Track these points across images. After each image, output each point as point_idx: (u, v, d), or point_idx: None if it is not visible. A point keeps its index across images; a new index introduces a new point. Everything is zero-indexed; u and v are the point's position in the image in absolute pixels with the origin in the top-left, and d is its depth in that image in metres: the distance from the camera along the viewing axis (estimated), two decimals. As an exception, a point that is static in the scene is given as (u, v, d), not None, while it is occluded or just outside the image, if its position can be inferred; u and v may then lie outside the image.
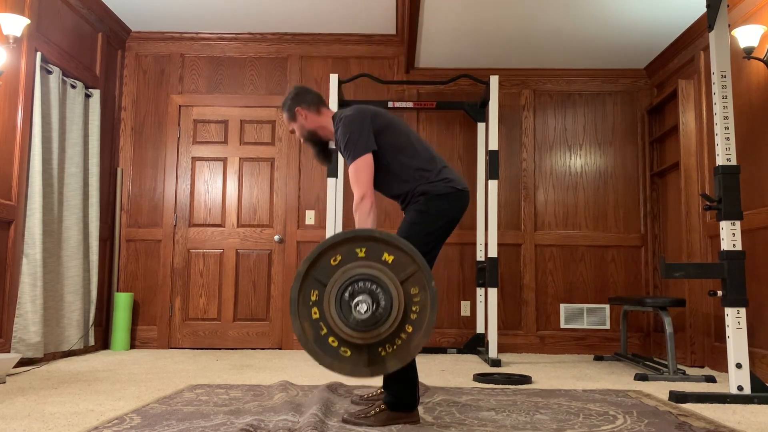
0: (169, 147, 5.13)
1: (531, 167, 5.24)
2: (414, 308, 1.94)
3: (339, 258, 1.95)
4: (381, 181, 2.55)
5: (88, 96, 4.58)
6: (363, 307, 1.85)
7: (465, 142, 5.23)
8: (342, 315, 1.90)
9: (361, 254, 1.96)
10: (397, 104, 4.90)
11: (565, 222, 5.19)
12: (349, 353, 1.95)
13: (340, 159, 4.87)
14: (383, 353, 1.94)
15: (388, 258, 1.96)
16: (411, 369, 2.31)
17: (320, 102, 2.70)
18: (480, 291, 4.93)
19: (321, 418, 2.30)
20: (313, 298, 1.95)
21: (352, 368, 1.94)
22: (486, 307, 4.85)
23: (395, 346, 1.94)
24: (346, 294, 1.91)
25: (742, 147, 3.85)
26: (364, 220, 2.36)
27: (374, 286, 1.91)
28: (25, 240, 3.83)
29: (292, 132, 2.79)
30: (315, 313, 1.95)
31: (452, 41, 4.79)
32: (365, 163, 2.42)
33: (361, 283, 1.90)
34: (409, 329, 1.94)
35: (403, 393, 2.30)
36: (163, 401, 2.67)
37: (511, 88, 5.31)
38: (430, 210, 2.39)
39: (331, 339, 1.94)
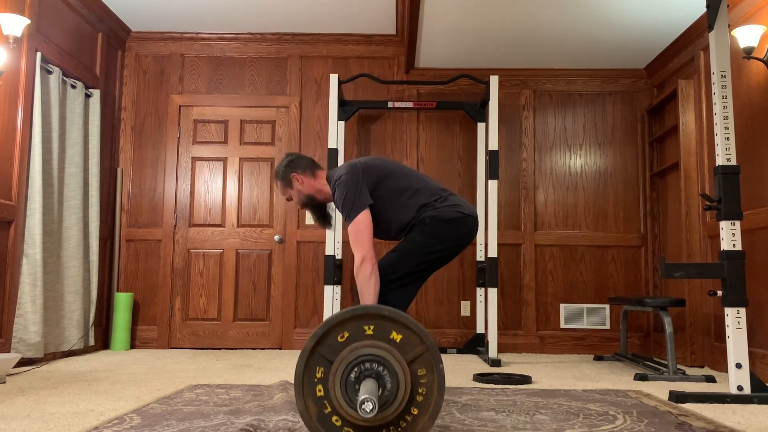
0: (169, 147, 5.13)
1: (531, 167, 5.24)
2: (420, 390, 1.93)
3: (346, 335, 1.94)
4: (384, 227, 2.59)
5: (88, 96, 4.58)
6: (368, 406, 1.82)
7: (465, 142, 5.23)
8: (347, 397, 1.89)
9: (369, 332, 1.95)
10: (397, 104, 4.90)
11: (565, 222, 5.19)
12: None
13: (340, 160, 4.88)
14: None
15: (396, 337, 1.94)
16: None
17: (314, 166, 2.73)
18: (480, 291, 4.93)
19: (321, 418, 2.30)
20: (319, 375, 1.94)
21: None
22: (486, 307, 4.85)
23: (400, 428, 1.93)
24: (352, 375, 1.90)
25: (742, 147, 3.85)
26: (365, 283, 2.41)
27: (381, 368, 1.90)
28: (25, 240, 3.83)
29: (289, 200, 2.79)
30: (320, 390, 1.93)
31: (452, 41, 4.79)
32: (363, 221, 2.47)
33: (367, 364, 1.89)
34: (415, 411, 1.93)
35: None
36: (163, 401, 2.67)
37: (511, 88, 5.31)
38: (435, 232, 2.42)
39: (334, 418, 1.93)
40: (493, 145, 4.42)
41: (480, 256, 4.95)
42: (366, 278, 2.40)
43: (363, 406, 1.81)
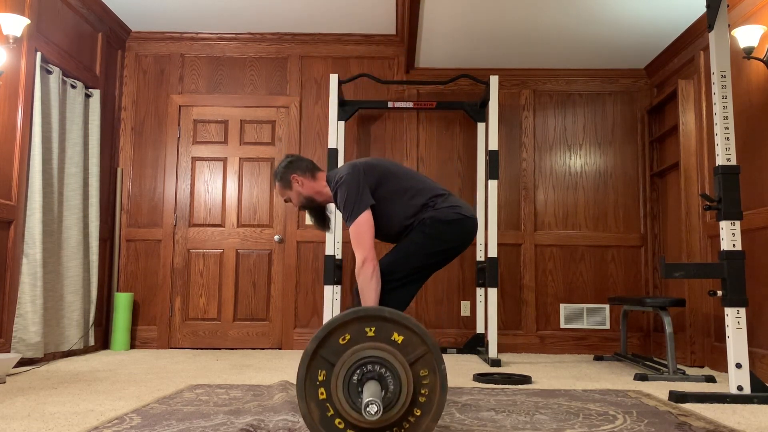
0: (169, 147, 5.13)
1: (531, 167, 5.24)
2: (423, 391, 1.93)
3: (348, 337, 1.94)
4: (385, 227, 2.59)
5: (88, 96, 4.58)
6: (373, 409, 1.82)
7: (465, 142, 5.23)
8: (349, 398, 1.89)
9: (371, 333, 1.94)
10: (397, 104, 4.90)
11: (565, 222, 5.19)
12: None
13: (340, 160, 4.87)
14: None
15: (398, 338, 1.94)
16: None
17: (314, 167, 2.73)
18: (480, 291, 4.93)
19: (321, 418, 2.30)
20: (321, 378, 1.93)
21: None
22: (486, 307, 4.85)
23: (403, 430, 1.93)
24: (355, 378, 1.89)
25: (742, 147, 3.85)
26: (367, 284, 2.41)
27: (383, 370, 1.89)
28: (25, 240, 3.83)
29: (287, 201, 2.78)
30: (322, 393, 1.93)
31: (452, 41, 4.79)
32: (365, 222, 2.47)
33: (369, 366, 1.89)
34: (418, 412, 1.92)
35: None
36: (163, 401, 2.67)
37: (511, 88, 5.31)
38: (435, 233, 2.41)
39: (337, 421, 1.93)
40: (493, 145, 4.42)
41: (480, 256, 4.95)
42: (367, 279, 2.40)
43: (368, 409, 1.81)
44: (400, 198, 2.54)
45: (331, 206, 2.88)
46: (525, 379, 3.42)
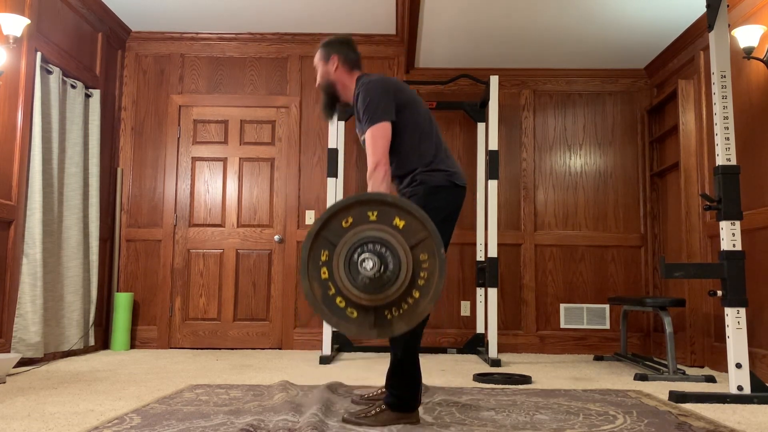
0: (169, 147, 5.13)
1: (531, 167, 5.24)
2: (422, 274, 1.96)
3: (350, 220, 1.97)
4: (392, 158, 2.49)
5: (88, 96, 4.58)
6: (369, 264, 1.86)
7: (465, 142, 5.23)
8: (350, 276, 1.92)
9: (373, 217, 1.98)
10: (397, 104, 4.88)
11: (565, 222, 5.19)
12: (355, 314, 1.96)
13: (340, 159, 4.87)
14: (389, 316, 1.96)
15: (399, 223, 1.97)
16: (415, 369, 2.31)
17: (356, 64, 2.64)
18: (480, 291, 4.93)
19: (321, 418, 2.30)
20: (323, 258, 1.97)
21: (358, 329, 1.96)
22: (486, 307, 4.85)
23: (402, 310, 1.95)
24: (356, 255, 1.93)
25: (742, 147, 3.85)
26: (378, 186, 2.33)
27: (383, 249, 1.93)
28: (25, 240, 3.83)
29: (316, 68, 2.70)
30: (324, 273, 1.97)
31: (452, 41, 4.79)
32: (383, 131, 2.38)
33: (370, 245, 1.92)
34: (417, 294, 1.96)
35: (406, 393, 2.30)
36: (163, 401, 2.67)
37: (511, 88, 5.31)
38: (427, 205, 2.37)
39: (338, 299, 1.96)
40: (493, 145, 4.42)
41: (480, 256, 4.95)
42: (379, 181, 2.32)
43: (364, 264, 1.86)
44: (412, 133, 2.45)
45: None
46: (525, 379, 3.42)
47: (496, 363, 4.08)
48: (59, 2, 4.24)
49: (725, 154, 3.05)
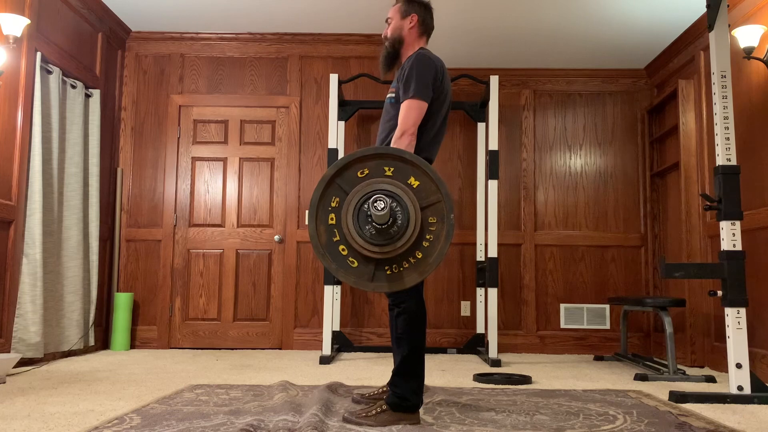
0: (169, 147, 5.13)
1: (531, 167, 5.24)
2: (428, 236, 1.96)
3: (366, 171, 1.97)
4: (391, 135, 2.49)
5: (88, 96, 4.58)
6: (380, 204, 1.85)
7: (465, 142, 5.23)
8: (357, 225, 1.92)
9: (389, 172, 1.98)
10: (397, 104, 4.89)
11: (565, 222, 5.19)
12: (356, 264, 1.96)
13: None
14: (389, 272, 1.95)
15: (414, 182, 1.97)
16: (420, 367, 2.31)
17: (429, 32, 2.64)
18: (480, 291, 4.93)
19: (321, 418, 2.30)
20: (333, 204, 1.97)
21: (356, 279, 1.96)
22: (486, 307, 4.85)
23: (402, 268, 1.95)
24: (366, 206, 1.92)
25: (742, 147, 3.85)
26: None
27: (394, 203, 1.92)
28: (25, 240, 3.83)
29: (387, 21, 2.69)
30: (332, 219, 1.97)
31: (452, 41, 4.79)
32: (420, 107, 2.37)
33: (382, 197, 1.91)
34: (419, 255, 1.95)
35: (409, 392, 2.29)
36: (163, 401, 2.67)
37: (511, 88, 5.31)
38: None
39: (341, 247, 1.95)
40: (493, 145, 4.42)
41: (480, 256, 4.95)
42: (403, 147, 2.29)
43: (375, 204, 1.85)
44: (434, 126, 2.46)
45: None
46: (525, 380, 3.42)
47: (496, 363, 4.08)
48: (59, 2, 4.24)
49: (725, 154, 3.05)
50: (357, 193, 1.94)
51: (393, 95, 2.49)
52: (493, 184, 4.41)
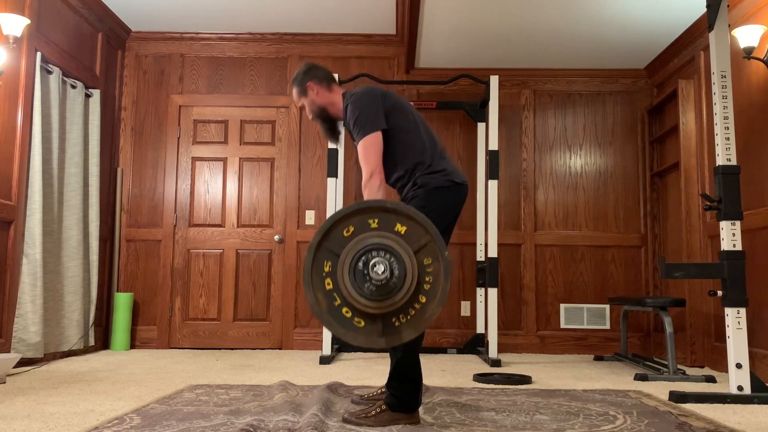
0: (169, 147, 5.13)
1: (531, 167, 5.24)
2: (427, 278, 1.95)
3: (352, 229, 1.95)
4: (387, 164, 2.51)
5: (88, 96, 4.58)
6: (380, 268, 1.83)
7: (465, 142, 5.23)
8: (356, 284, 1.90)
9: (374, 225, 1.96)
10: (397, 104, 4.88)
11: (565, 222, 5.19)
12: (363, 323, 1.94)
13: (341, 160, 4.87)
14: (397, 323, 1.94)
15: (401, 228, 1.96)
16: (416, 370, 2.31)
17: (331, 79, 2.68)
18: (480, 291, 4.93)
19: (321, 418, 2.30)
20: (327, 269, 1.95)
21: (366, 338, 1.94)
22: (486, 307, 4.85)
23: (409, 316, 1.94)
24: (360, 263, 1.91)
25: (742, 147, 3.85)
26: (374, 195, 2.33)
27: (388, 255, 1.91)
28: (25, 240, 3.83)
29: (302, 108, 2.74)
30: (329, 284, 1.94)
31: (452, 41, 4.79)
32: (375, 141, 2.40)
33: (374, 252, 1.90)
34: (423, 299, 1.94)
35: (406, 394, 2.29)
36: (163, 401, 2.67)
37: (511, 88, 5.31)
38: (430, 205, 2.37)
39: (344, 309, 1.94)
40: (493, 145, 4.42)
41: (480, 256, 4.95)
42: (375, 189, 2.33)
43: (375, 269, 1.83)
44: (404, 136, 2.47)
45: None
46: (525, 379, 3.42)
47: (496, 363, 4.08)
48: (59, 2, 4.24)
49: (725, 154, 3.05)
50: (349, 253, 1.91)
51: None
52: (493, 184, 4.41)
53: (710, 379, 3.55)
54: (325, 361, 4.13)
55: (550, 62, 5.18)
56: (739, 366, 2.93)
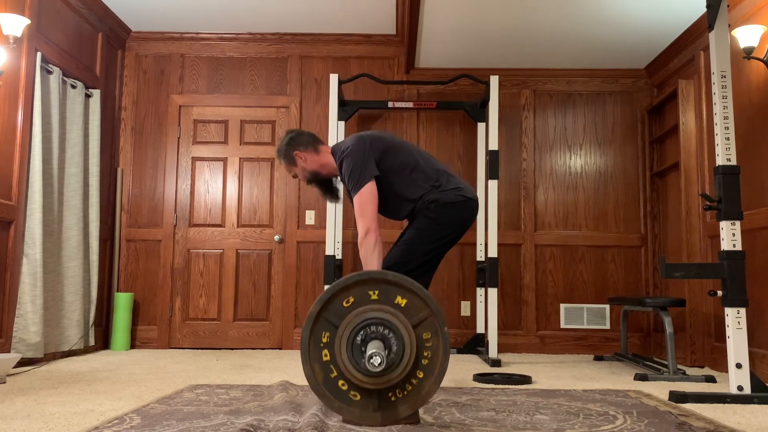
0: (169, 147, 5.13)
1: (531, 167, 5.24)
2: (426, 353, 1.93)
3: (352, 300, 1.93)
4: (389, 204, 2.57)
5: (88, 96, 4.58)
6: (377, 360, 1.80)
7: (465, 142, 5.23)
8: (353, 359, 1.88)
9: (374, 297, 1.94)
10: (397, 104, 4.90)
11: (565, 222, 5.19)
12: (358, 397, 1.92)
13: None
14: (393, 399, 1.92)
15: (401, 301, 1.94)
16: None
17: (316, 141, 2.70)
18: (480, 291, 4.93)
19: (321, 418, 2.30)
20: (324, 339, 1.93)
21: (361, 413, 1.92)
22: (486, 307, 4.85)
23: (406, 392, 1.92)
24: (358, 338, 1.88)
25: (742, 147, 3.85)
26: (370, 254, 2.37)
27: (386, 331, 1.88)
28: (25, 240, 3.83)
29: (294, 177, 2.77)
30: (326, 355, 1.92)
31: (452, 41, 4.79)
32: (369, 193, 2.44)
33: (373, 327, 1.88)
34: (420, 375, 1.92)
35: None
36: (163, 401, 2.67)
37: (511, 88, 5.31)
38: (440, 218, 2.41)
39: (341, 382, 1.92)
40: (493, 145, 4.42)
41: (480, 256, 4.95)
42: (371, 248, 2.37)
43: (371, 361, 1.81)
44: (402, 172, 2.52)
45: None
46: (525, 379, 3.42)
47: (496, 363, 4.08)
48: (59, 2, 4.24)
49: (725, 154, 3.05)
50: (348, 326, 1.89)
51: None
52: (493, 184, 4.41)
53: (710, 379, 3.55)
54: (325, 361, 4.13)
55: (550, 62, 5.18)
56: (739, 366, 2.93)
